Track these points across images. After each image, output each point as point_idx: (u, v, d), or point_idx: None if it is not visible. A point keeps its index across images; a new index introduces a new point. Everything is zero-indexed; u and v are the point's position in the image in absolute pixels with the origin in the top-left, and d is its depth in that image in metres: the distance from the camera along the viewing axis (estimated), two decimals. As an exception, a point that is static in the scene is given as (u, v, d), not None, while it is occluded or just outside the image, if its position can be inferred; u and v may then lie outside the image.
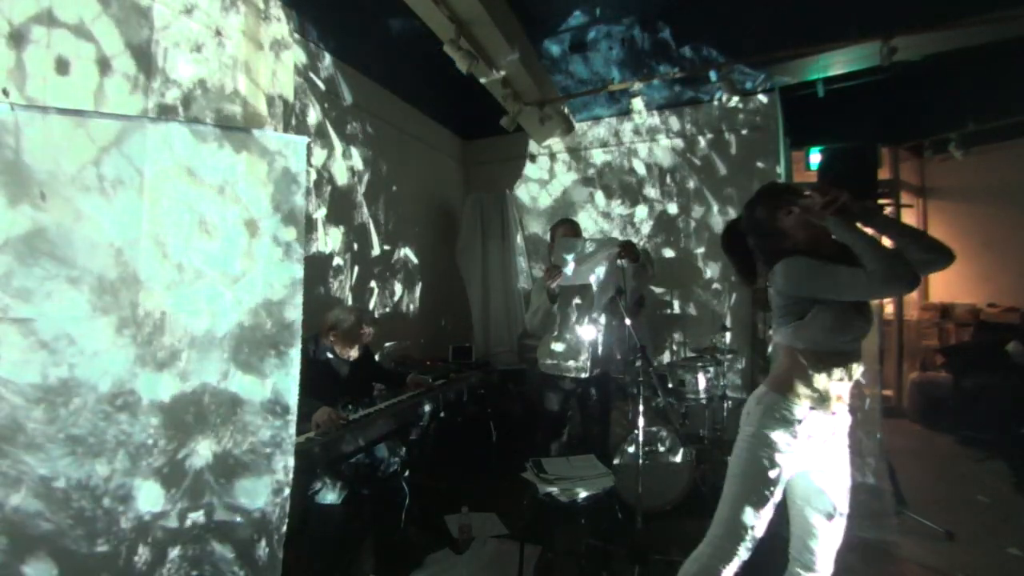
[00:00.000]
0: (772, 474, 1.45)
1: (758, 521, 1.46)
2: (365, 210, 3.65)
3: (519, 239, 4.78)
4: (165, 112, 2.18)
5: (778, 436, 1.45)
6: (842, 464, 1.52)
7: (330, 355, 2.49)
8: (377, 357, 3.70)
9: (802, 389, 1.46)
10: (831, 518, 1.49)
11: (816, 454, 1.49)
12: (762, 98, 4.23)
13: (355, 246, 3.53)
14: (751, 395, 1.57)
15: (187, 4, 2.29)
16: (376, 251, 3.77)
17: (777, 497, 1.47)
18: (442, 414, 2.96)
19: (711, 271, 4.39)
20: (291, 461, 1.48)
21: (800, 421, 1.45)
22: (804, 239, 1.49)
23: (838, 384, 1.47)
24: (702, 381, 3.21)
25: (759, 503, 1.45)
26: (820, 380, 1.45)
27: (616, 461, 2.79)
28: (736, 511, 1.47)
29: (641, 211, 4.61)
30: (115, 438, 1.31)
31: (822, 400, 1.46)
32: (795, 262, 1.44)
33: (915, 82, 4.65)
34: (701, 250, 4.41)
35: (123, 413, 1.31)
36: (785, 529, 1.57)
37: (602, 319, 2.63)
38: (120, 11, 2.02)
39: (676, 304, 4.35)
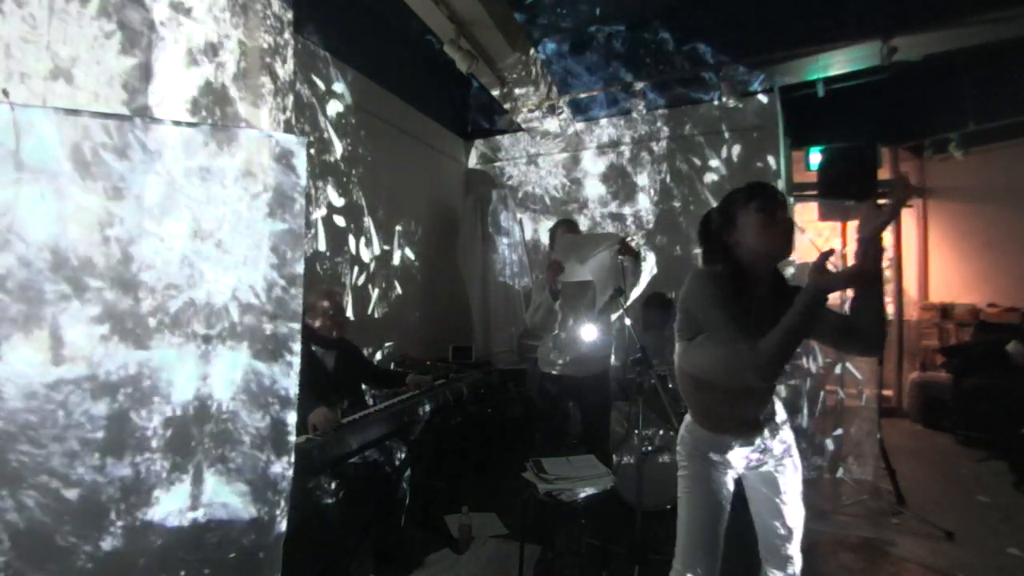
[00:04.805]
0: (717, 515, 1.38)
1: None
2: (365, 210, 3.65)
3: (519, 238, 4.78)
4: (164, 112, 2.18)
5: (706, 470, 1.38)
6: (790, 473, 1.45)
7: (314, 347, 2.41)
8: (379, 357, 3.71)
9: (706, 418, 1.40)
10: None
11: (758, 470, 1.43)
12: (762, 98, 4.22)
13: (355, 246, 3.53)
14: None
15: (187, 4, 2.29)
16: (376, 251, 3.77)
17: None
18: (442, 414, 2.96)
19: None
20: (291, 461, 1.48)
21: (724, 450, 1.38)
22: (744, 257, 1.38)
23: (736, 420, 1.36)
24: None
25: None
26: (717, 410, 1.37)
27: (616, 461, 2.79)
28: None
29: (641, 211, 4.61)
30: (112, 438, 1.31)
31: (736, 430, 1.37)
32: (702, 274, 1.37)
33: (915, 82, 4.65)
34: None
35: (118, 412, 1.31)
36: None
37: (602, 318, 2.63)
38: (119, 11, 2.02)
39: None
